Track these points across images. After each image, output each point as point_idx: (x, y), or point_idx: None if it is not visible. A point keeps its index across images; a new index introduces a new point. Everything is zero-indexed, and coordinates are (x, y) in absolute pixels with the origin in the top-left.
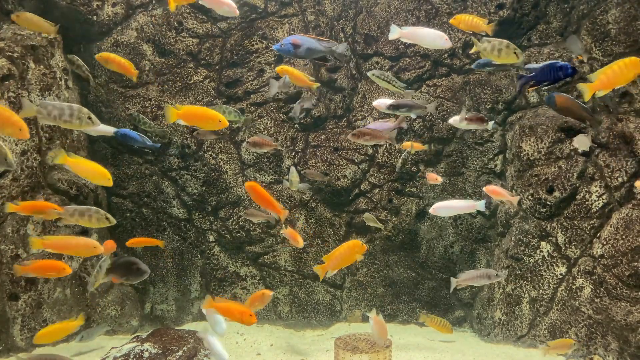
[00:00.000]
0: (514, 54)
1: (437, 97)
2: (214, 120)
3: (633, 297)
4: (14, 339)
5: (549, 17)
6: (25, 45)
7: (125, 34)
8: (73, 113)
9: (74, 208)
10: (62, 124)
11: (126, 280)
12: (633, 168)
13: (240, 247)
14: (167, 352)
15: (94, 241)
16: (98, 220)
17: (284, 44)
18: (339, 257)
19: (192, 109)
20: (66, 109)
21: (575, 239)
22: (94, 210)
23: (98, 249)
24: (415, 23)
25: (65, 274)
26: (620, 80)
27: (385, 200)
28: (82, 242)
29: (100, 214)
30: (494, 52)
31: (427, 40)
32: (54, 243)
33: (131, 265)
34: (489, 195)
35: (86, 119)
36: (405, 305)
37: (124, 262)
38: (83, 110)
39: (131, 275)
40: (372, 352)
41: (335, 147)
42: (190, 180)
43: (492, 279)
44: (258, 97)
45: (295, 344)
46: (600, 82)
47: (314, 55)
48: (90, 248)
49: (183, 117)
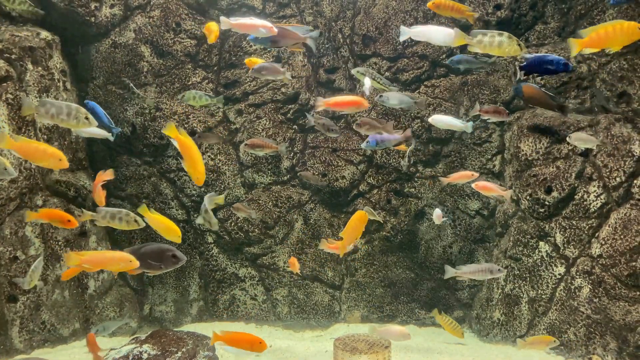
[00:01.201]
0: (517, 45)
1: (436, 97)
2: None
3: (631, 297)
4: (12, 341)
5: (547, 18)
6: (23, 47)
7: (124, 35)
8: (71, 112)
9: (106, 210)
10: (59, 122)
11: (160, 269)
12: (631, 168)
13: (239, 248)
14: (166, 353)
15: (129, 255)
16: (128, 223)
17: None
18: (353, 230)
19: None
20: (64, 108)
21: (574, 239)
22: (124, 213)
23: (134, 263)
24: (413, 24)
25: (70, 226)
26: (612, 42)
27: (384, 201)
28: (118, 257)
29: (130, 216)
30: (493, 46)
31: (438, 37)
32: (90, 259)
33: (165, 252)
34: (479, 190)
35: (83, 119)
36: (404, 305)
37: (157, 249)
38: (81, 110)
39: (166, 263)
40: (371, 352)
41: (333, 148)
42: (189, 181)
43: (495, 274)
44: (256, 98)
45: (294, 345)
46: (590, 40)
47: (288, 43)
48: (127, 262)
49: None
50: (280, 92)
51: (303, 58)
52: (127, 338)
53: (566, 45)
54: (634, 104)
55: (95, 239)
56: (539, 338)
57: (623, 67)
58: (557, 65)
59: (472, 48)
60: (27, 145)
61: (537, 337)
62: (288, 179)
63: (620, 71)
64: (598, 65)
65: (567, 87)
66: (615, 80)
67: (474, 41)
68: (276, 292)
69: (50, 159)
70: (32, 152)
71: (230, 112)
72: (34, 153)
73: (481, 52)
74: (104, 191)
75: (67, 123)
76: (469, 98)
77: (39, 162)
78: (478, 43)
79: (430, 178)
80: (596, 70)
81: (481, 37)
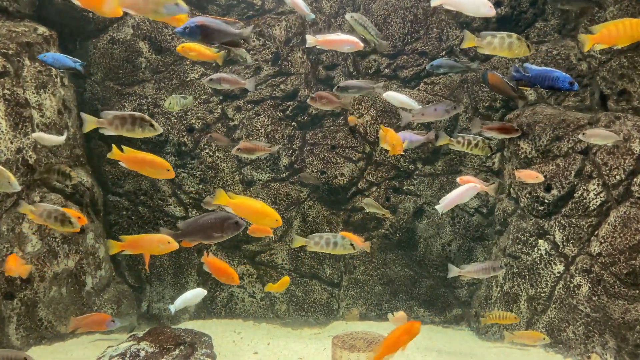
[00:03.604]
0: (527, 46)
1: (435, 94)
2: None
3: (631, 295)
4: (9, 338)
5: (547, 15)
6: (21, 42)
7: (122, 31)
8: (135, 122)
9: (44, 207)
10: (124, 133)
11: (221, 238)
12: (631, 166)
13: (237, 246)
14: (164, 350)
15: (167, 237)
16: (62, 223)
17: (189, 27)
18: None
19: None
20: (128, 118)
21: (573, 237)
22: (60, 212)
23: (172, 244)
24: (412, 21)
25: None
26: (623, 39)
27: (383, 199)
28: (157, 239)
29: (66, 216)
30: (503, 47)
31: (471, 7)
32: (130, 244)
33: (225, 220)
34: (460, 182)
35: (148, 127)
36: (402, 303)
37: (216, 218)
38: (145, 118)
39: (227, 231)
40: (370, 350)
41: (332, 145)
42: (187, 178)
43: (497, 271)
44: (255, 95)
45: (292, 343)
46: (601, 36)
47: (223, 39)
48: (165, 244)
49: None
50: (279, 89)
51: (302, 55)
52: (124, 335)
53: (566, 43)
54: (634, 101)
55: (92, 235)
56: (528, 333)
57: (623, 65)
58: (562, 84)
59: (481, 50)
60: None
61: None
62: (287, 176)
63: (621, 69)
64: (598, 63)
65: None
66: (616, 78)
67: (483, 43)
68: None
69: (156, 169)
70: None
71: (228, 109)
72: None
73: (491, 53)
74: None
75: (132, 132)
76: (468, 95)
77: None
78: (488, 45)
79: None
80: (596, 68)
81: (491, 39)
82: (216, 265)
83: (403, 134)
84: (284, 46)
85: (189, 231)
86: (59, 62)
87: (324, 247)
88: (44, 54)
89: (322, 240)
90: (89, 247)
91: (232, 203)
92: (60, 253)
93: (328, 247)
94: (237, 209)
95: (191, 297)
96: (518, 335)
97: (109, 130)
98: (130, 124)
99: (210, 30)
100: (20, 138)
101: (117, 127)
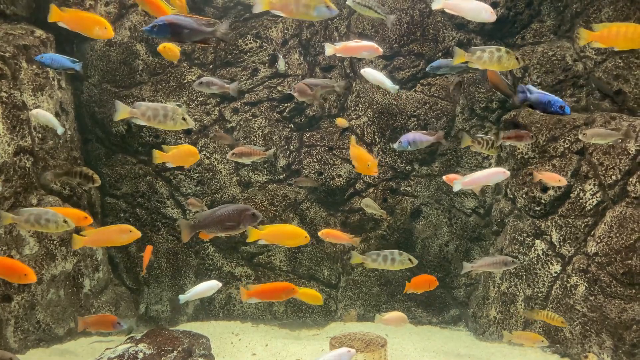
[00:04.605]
0: (515, 59)
1: (432, 96)
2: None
3: (627, 295)
4: (7, 340)
5: (543, 16)
6: (18, 45)
7: (119, 34)
8: (167, 114)
9: (29, 212)
10: (156, 124)
11: (239, 229)
12: (627, 166)
13: (235, 247)
14: (162, 352)
15: (128, 226)
16: (57, 225)
17: (158, 25)
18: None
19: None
20: (160, 110)
21: (570, 237)
22: (51, 214)
23: (134, 233)
24: (409, 22)
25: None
26: (623, 43)
27: (380, 200)
28: (118, 229)
29: (59, 217)
30: (492, 61)
31: (472, 12)
32: (92, 239)
33: (243, 212)
34: (448, 181)
35: (180, 120)
36: (400, 304)
37: (234, 210)
38: (177, 110)
39: (245, 222)
40: (368, 351)
41: (329, 146)
42: (185, 180)
43: (509, 265)
44: (252, 97)
45: (290, 344)
46: (601, 35)
47: (194, 38)
48: (127, 233)
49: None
50: (276, 91)
51: (299, 56)
52: (122, 337)
53: (562, 43)
54: (629, 102)
55: None
56: (527, 334)
57: (619, 66)
58: (554, 107)
59: (472, 64)
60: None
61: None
62: (284, 177)
63: (616, 69)
64: (594, 64)
65: (562, 86)
66: (611, 78)
67: (473, 58)
68: None
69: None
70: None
71: (226, 110)
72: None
73: (481, 68)
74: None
75: (164, 125)
76: (465, 96)
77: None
78: (478, 59)
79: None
80: (592, 69)
81: (480, 54)
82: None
83: (413, 134)
84: (281, 48)
85: (206, 223)
86: (56, 62)
87: (381, 263)
88: (41, 55)
89: (379, 257)
90: (87, 250)
91: (264, 234)
92: (57, 255)
93: (386, 264)
94: (270, 237)
95: (204, 289)
96: (516, 336)
97: (140, 121)
98: (162, 116)
99: (180, 28)
100: (18, 141)
101: (150, 118)
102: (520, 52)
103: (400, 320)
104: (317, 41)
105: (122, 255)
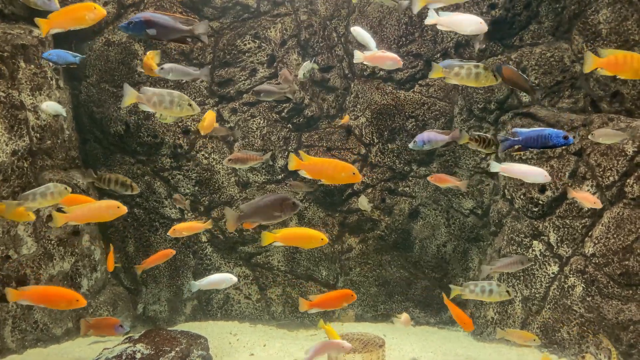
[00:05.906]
0: (493, 76)
1: (430, 96)
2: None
3: (624, 296)
4: (4, 340)
5: (541, 17)
6: (16, 45)
7: (117, 33)
8: (173, 100)
9: (32, 192)
10: (162, 110)
11: (280, 218)
12: (624, 167)
13: (233, 247)
14: (160, 352)
15: (114, 201)
16: (53, 195)
17: (133, 22)
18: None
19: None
20: (166, 96)
21: (567, 238)
22: (52, 186)
23: (122, 208)
24: (407, 23)
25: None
26: (626, 72)
27: (378, 200)
28: (104, 205)
29: (58, 187)
30: (470, 78)
31: (463, 26)
32: (76, 215)
33: (284, 201)
34: (434, 182)
35: (186, 106)
36: (398, 304)
37: (276, 199)
38: (184, 97)
39: (286, 211)
40: (365, 351)
41: (328, 146)
42: (183, 180)
43: (525, 264)
44: (250, 97)
45: (288, 344)
46: (607, 62)
47: (171, 36)
48: (114, 209)
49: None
50: None
51: (297, 57)
52: (120, 337)
53: (560, 45)
54: (627, 103)
55: (88, 237)
56: (520, 332)
57: None
58: (556, 140)
59: (449, 80)
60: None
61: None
62: (282, 177)
63: None
64: None
65: (561, 87)
66: (609, 79)
67: (451, 74)
68: (270, 291)
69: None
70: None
71: (224, 110)
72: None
73: (459, 83)
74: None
75: (170, 111)
76: (463, 97)
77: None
78: (455, 76)
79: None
80: None
81: (458, 70)
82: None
83: (428, 133)
84: (280, 48)
85: (251, 213)
86: (62, 58)
87: (479, 294)
88: (49, 51)
89: (477, 288)
90: (85, 249)
91: (279, 237)
92: (55, 255)
93: (484, 295)
94: (286, 239)
95: (218, 280)
96: (510, 333)
97: (147, 107)
98: (168, 102)
99: (156, 26)
100: (16, 140)
101: (156, 104)
102: (518, 53)
103: (409, 321)
104: (315, 42)
105: (120, 255)
